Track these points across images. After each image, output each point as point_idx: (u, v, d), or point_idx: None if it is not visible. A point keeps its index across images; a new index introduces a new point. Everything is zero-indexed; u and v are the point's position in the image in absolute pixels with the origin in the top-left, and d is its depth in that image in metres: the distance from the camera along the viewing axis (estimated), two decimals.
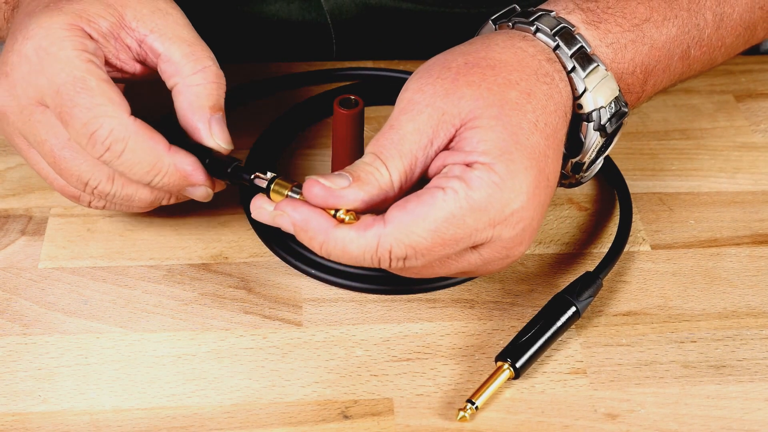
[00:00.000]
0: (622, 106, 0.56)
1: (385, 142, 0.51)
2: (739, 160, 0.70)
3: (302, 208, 0.51)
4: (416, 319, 0.59)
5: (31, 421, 0.53)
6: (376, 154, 0.51)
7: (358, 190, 0.50)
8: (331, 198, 0.50)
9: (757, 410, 0.55)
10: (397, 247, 0.50)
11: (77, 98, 0.53)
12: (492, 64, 0.53)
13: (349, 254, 0.50)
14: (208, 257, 0.62)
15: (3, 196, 0.65)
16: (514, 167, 0.50)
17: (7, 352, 0.56)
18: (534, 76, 0.53)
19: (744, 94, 0.75)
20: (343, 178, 0.51)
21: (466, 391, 0.55)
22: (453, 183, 0.50)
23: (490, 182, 0.50)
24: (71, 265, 0.61)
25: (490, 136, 0.51)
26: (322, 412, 0.54)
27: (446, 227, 0.49)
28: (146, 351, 0.56)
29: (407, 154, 0.51)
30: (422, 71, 0.54)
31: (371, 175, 0.51)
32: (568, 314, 0.57)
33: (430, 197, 0.50)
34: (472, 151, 0.51)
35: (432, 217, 0.49)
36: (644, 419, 0.54)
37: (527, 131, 0.51)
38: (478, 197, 0.50)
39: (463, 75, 0.52)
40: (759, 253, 0.63)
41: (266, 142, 0.68)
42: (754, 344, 0.58)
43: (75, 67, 0.53)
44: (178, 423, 0.53)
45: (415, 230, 0.49)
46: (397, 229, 0.49)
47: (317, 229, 0.50)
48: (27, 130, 0.56)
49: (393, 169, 0.51)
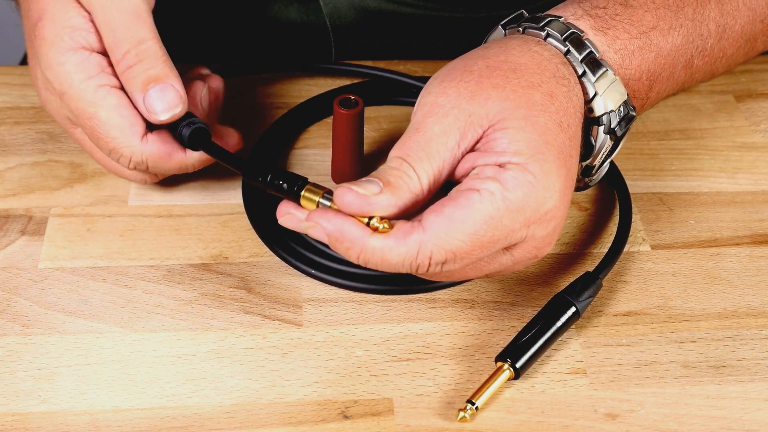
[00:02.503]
0: (630, 110, 0.57)
1: (413, 145, 0.51)
2: (739, 160, 0.70)
3: (336, 219, 0.50)
4: (416, 319, 0.59)
5: (31, 421, 0.53)
6: (403, 158, 0.50)
7: (391, 196, 0.50)
8: (366, 206, 0.49)
9: (757, 410, 0.55)
10: (438, 252, 0.49)
11: (95, 132, 0.58)
12: (513, 67, 0.53)
13: (388, 263, 0.50)
14: (208, 257, 0.62)
15: (3, 196, 0.65)
16: (547, 166, 0.50)
17: (7, 352, 0.56)
18: (553, 78, 0.53)
19: (744, 94, 0.75)
20: (374, 185, 0.50)
21: (466, 391, 0.55)
22: (488, 184, 0.49)
23: (525, 182, 0.50)
24: (71, 265, 0.61)
25: (521, 136, 0.51)
26: (322, 412, 0.54)
27: (485, 229, 0.49)
28: (146, 351, 0.56)
29: (435, 157, 0.51)
30: (443, 75, 0.54)
31: (401, 180, 0.50)
32: (568, 314, 0.57)
33: (466, 200, 0.49)
34: (503, 152, 0.50)
35: (471, 220, 0.49)
36: (644, 419, 0.54)
37: (554, 131, 0.52)
38: (515, 197, 0.49)
39: (487, 77, 0.52)
40: (759, 253, 0.63)
41: (266, 142, 0.68)
42: (754, 344, 0.58)
43: (87, 102, 0.57)
44: (178, 423, 0.53)
45: (455, 235, 0.49)
46: (436, 234, 0.49)
47: (353, 240, 0.49)
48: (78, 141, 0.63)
49: (422, 173, 0.50)
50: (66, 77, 0.57)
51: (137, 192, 0.65)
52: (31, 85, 0.73)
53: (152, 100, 0.57)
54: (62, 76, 0.57)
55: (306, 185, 0.53)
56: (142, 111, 0.57)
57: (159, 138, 0.58)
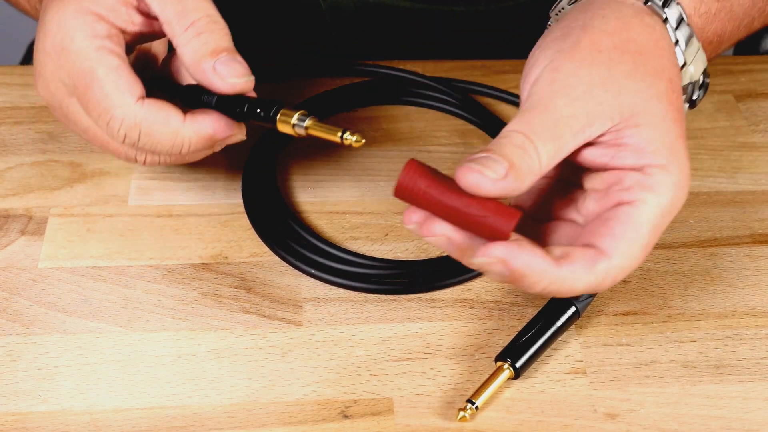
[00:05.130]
0: (706, 77, 0.57)
1: (540, 123, 0.49)
2: (739, 160, 0.70)
3: (523, 255, 0.47)
4: (416, 319, 0.59)
5: (31, 421, 0.53)
6: (527, 135, 0.48)
7: (515, 180, 0.47)
8: (493, 190, 0.47)
9: (757, 410, 0.55)
10: (621, 273, 0.49)
11: (89, 91, 0.54)
12: (638, 49, 0.52)
13: (574, 290, 0.49)
14: (208, 257, 0.62)
15: (3, 196, 0.65)
16: (682, 161, 0.50)
17: (7, 352, 0.56)
18: (670, 59, 0.53)
19: (744, 94, 0.75)
20: (500, 166, 0.47)
21: (466, 391, 0.55)
22: (638, 194, 0.49)
23: (671, 184, 0.49)
24: (71, 264, 0.61)
25: (657, 134, 0.50)
26: (322, 412, 0.54)
27: (651, 238, 0.49)
28: (146, 351, 0.56)
29: (559, 140, 0.49)
30: (568, 50, 0.52)
31: (525, 162, 0.48)
32: (568, 314, 0.57)
33: (627, 216, 0.49)
34: (642, 152, 0.50)
35: (641, 234, 0.49)
36: (644, 419, 0.54)
37: (679, 121, 0.51)
38: (666, 201, 0.49)
39: (617, 63, 0.51)
40: (758, 252, 0.63)
41: (267, 142, 0.68)
42: (754, 344, 0.58)
43: (86, 57, 0.54)
44: (178, 423, 0.53)
45: (634, 253, 0.49)
46: (620, 258, 0.49)
47: (541, 274, 0.48)
48: (71, 120, 0.57)
49: (543, 153, 0.48)
50: (69, 31, 0.54)
51: (137, 192, 0.65)
52: (31, 85, 0.73)
53: (225, 65, 0.54)
54: (66, 29, 0.54)
55: (281, 109, 0.53)
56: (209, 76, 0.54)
57: (156, 103, 0.55)
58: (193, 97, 0.55)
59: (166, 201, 0.65)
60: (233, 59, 0.54)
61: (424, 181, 0.47)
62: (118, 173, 0.67)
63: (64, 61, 0.54)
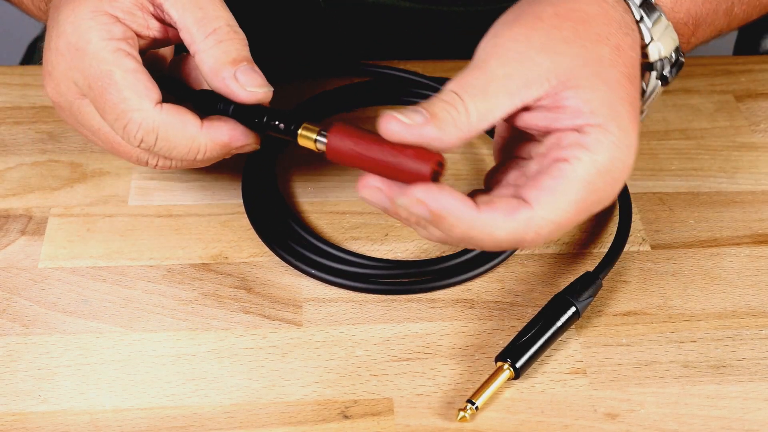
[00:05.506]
0: (680, 56, 0.57)
1: (471, 81, 0.50)
2: (739, 160, 0.70)
3: (441, 196, 0.48)
4: (416, 319, 0.59)
5: (31, 421, 0.53)
6: (458, 93, 0.50)
7: (435, 129, 0.48)
8: (409, 136, 0.48)
9: (757, 410, 0.55)
10: (546, 225, 0.49)
11: (105, 94, 0.54)
12: (582, 17, 0.53)
13: (495, 238, 0.49)
14: (208, 257, 0.62)
15: (3, 196, 0.65)
16: (623, 123, 0.51)
17: (7, 352, 0.56)
18: (619, 29, 0.53)
19: (744, 94, 0.75)
20: (420, 116, 0.49)
21: (466, 391, 0.55)
22: (574, 152, 0.50)
23: (609, 143, 0.50)
24: (71, 264, 0.61)
25: (595, 95, 0.51)
26: (322, 412, 0.54)
27: (584, 195, 0.50)
28: (146, 351, 0.56)
29: (492, 98, 0.50)
30: (511, 20, 0.53)
31: (449, 114, 0.49)
32: (568, 314, 0.57)
33: (559, 171, 0.49)
34: (579, 113, 0.50)
35: (571, 189, 0.49)
36: (644, 419, 0.54)
37: (625, 85, 0.52)
38: (602, 159, 0.50)
39: (557, 28, 0.52)
40: (759, 253, 0.63)
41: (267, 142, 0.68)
42: (754, 344, 0.58)
43: (102, 60, 0.54)
44: (178, 423, 0.53)
45: (560, 206, 0.49)
46: (544, 209, 0.49)
47: (460, 216, 0.49)
48: (81, 121, 0.57)
49: (472, 110, 0.49)
50: (85, 32, 0.54)
51: (137, 192, 0.65)
52: (31, 85, 0.73)
53: (245, 74, 0.54)
54: (82, 29, 0.54)
55: (302, 123, 0.53)
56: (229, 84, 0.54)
57: (174, 108, 0.55)
58: (208, 103, 0.56)
59: (166, 201, 0.65)
60: (252, 69, 0.55)
61: (351, 140, 0.50)
62: (118, 173, 0.67)
63: (79, 62, 0.54)
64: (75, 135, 0.69)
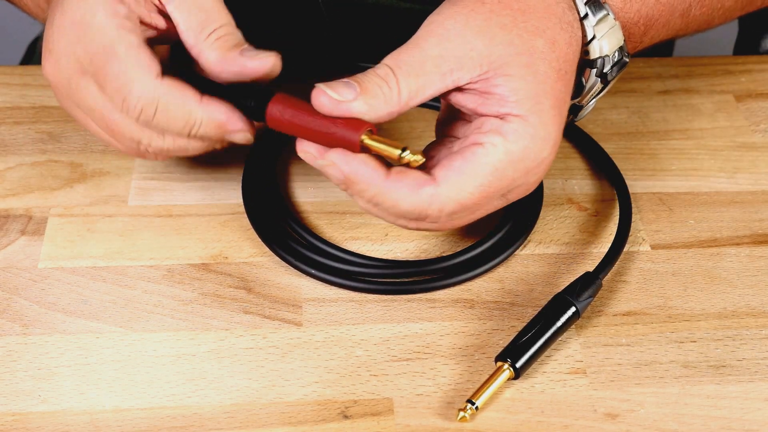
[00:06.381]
0: (624, 55, 0.58)
1: (406, 59, 0.52)
2: (738, 160, 0.70)
3: (354, 161, 0.51)
4: (416, 319, 0.59)
5: (31, 421, 0.53)
6: (392, 69, 0.52)
7: (364, 104, 0.51)
8: (337, 110, 0.51)
9: (757, 410, 0.55)
10: (449, 204, 0.51)
11: (107, 66, 0.54)
12: (523, 7, 0.54)
13: (399, 208, 0.51)
14: (208, 257, 0.62)
15: (3, 196, 0.65)
16: (545, 117, 0.52)
17: (7, 352, 0.56)
18: (558, 24, 0.54)
19: (744, 94, 0.75)
20: (350, 89, 0.51)
21: (466, 391, 0.55)
22: (491, 137, 0.51)
23: (525, 134, 0.51)
24: (71, 265, 0.61)
25: (522, 85, 0.52)
26: (322, 412, 0.54)
27: (491, 180, 0.51)
28: (146, 351, 0.56)
29: (423, 77, 0.51)
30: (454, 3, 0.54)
31: (380, 89, 0.51)
32: (568, 314, 0.57)
33: (472, 154, 0.51)
34: (505, 101, 0.52)
35: (479, 173, 0.51)
36: (644, 419, 0.54)
37: (553, 80, 0.53)
38: (516, 149, 0.51)
39: (496, 14, 0.53)
40: (759, 253, 0.63)
41: (267, 142, 0.68)
42: (754, 344, 0.58)
43: (106, 34, 0.54)
44: (178, 423, 0.53)
45: (465, 187, 0.51)
46: (448, 188, 0.51)
47: (369, 181, 0.51)
48: (78, 99, 0.57)
49: (404, 86, 0.51)
50: (91, 7, 0.55)
51: (137, 192, 0.65)
52: (31, 85, 0.73)
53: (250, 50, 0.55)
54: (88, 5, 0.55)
55: None
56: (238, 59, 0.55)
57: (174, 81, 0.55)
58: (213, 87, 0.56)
59: (166, 201, 0.65)
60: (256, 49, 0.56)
61: (289, 110, 0.53)
62: (118, 173, 0.67)
63: (83, 36, 0.55)
64: (75, 135, 0.69)
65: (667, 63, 0.78)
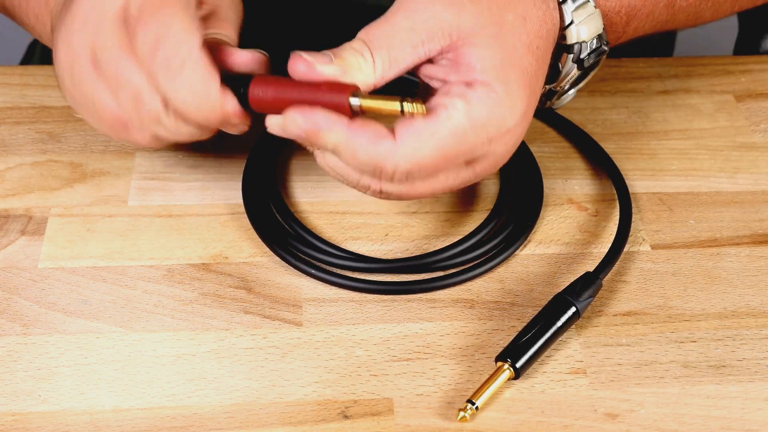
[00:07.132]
0: (603, 44, 0.59)
1: (377, 33, 0.53)
2: (739, 160, 0.70)
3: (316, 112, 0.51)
4: (416, 319, 0.59)
5: (31, 421, 0.53)
6: (366, 42, 0.52)
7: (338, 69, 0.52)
8: (312, 73, 0.52)
9: (757, 410, 0.55)
10: (404, 162, 0.51)
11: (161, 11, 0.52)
12: None
13: (356, 160, 0.51)
14: (208, 257, 0.62)
15: (3, 196, 0.65)
16: (510, 87, 0.52)
17: (7, 352, 0.56)
18: (531, 1, 0.55)
19: (744, 94, 0.75)
20: (326, 58, 0.52)
21: (466, 391, 0.55)
22: (454, 101, 0.51)
23: (489, 100, 0.52)
24: (71, 265, 0.61)
25: (489, 54, 0.52)
26: (322, 412, 0.54)
27: (450, 143, 0.51)
28: (146, 351, 0.56)
29: (395, 49, 0.52)
30: None
31: (354, 59, 0.52)
32: (568, 314, 0.57)
33: (434, 116, 0.51)
34: (472, 69, 0.52)
35: (438, 134, 0.51)
36: (644, 419, 0.54)
37: (522, 53, 0.53)
38: (478, 114, 0.51)
39: None
40: (759, 253, 0.63)
41: (267, 142, 0.68)
42: (754, 344, 0.58)
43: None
44: (178, 423, 0.53)
45: (422, 147, 0.51)
46: (405, 145, 0.51)
47: (331, 128, 0.51)
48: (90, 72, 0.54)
49: (378, 59, 0.52)
50: None
51: (137, 192, 0.65)
52: (31, 85, 0.73)
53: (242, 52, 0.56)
54: None
55: None
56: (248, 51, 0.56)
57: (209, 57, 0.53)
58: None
59: (166, 201, 0.65)
60: None
61: (271, 89, 0.53)
62: (118, 173, 0.67)
63: None
64: (75, 135, 0.69)
65: (667, 63, 0.78)
